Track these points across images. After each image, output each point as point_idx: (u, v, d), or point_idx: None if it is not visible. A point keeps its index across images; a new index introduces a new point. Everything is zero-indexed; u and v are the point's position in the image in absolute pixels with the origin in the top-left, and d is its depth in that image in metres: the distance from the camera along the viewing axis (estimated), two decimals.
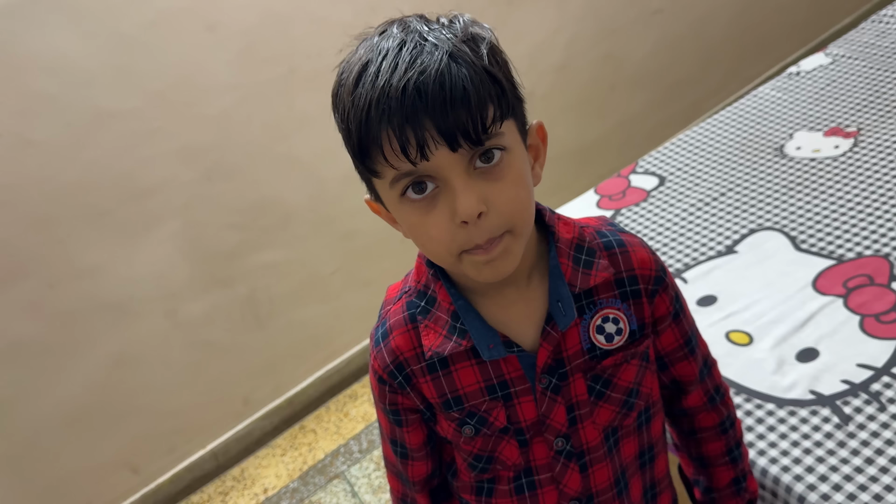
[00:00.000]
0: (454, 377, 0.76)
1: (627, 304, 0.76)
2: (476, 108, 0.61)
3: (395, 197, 0.65)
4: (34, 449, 1.84)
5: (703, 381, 0.86)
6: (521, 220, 0.67)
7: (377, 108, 0.61)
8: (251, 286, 2.01)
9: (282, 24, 1.86)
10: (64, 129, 1.67)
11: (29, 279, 1.72)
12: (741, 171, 1.59)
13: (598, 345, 0.76)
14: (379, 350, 0.79)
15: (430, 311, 0.75)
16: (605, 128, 2.52)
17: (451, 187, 0.63)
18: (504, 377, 0.76)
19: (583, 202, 1.66)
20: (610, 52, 2.42)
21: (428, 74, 0.60)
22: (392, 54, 0.62)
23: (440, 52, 0.61)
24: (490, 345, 0.73)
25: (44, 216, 1.70)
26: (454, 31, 0.65)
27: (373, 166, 0.64)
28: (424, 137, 0.60)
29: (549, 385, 0.76)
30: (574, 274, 0.74)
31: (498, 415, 0.77)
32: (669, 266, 1.40)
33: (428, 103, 0.60)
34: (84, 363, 1.84)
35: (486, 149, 0.63)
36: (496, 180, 0.64)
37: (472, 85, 0.61)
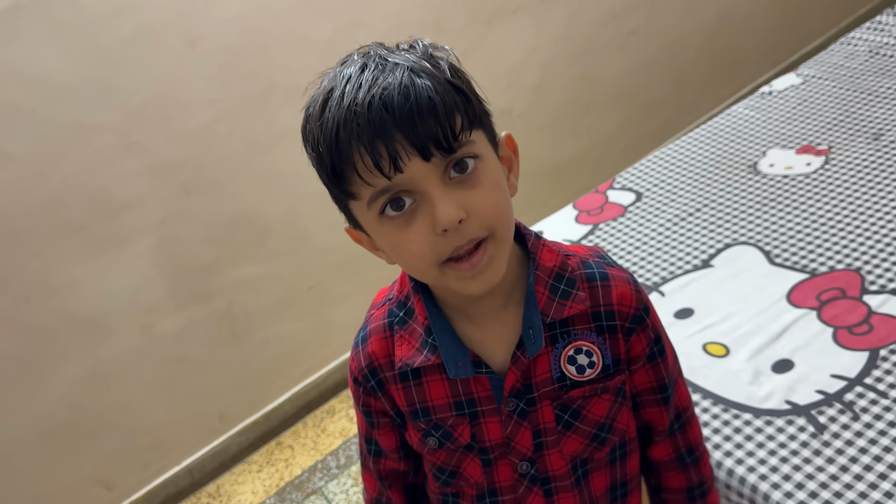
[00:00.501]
0: (424, 388, 0.77)
1: (603, 337, 0.76)
2: (444, 117, 0.61)
3: (373, 217, 0.66)
4: (6, 465, 1.80)
5: (672, 436, 0.85)
6: (502, 224, 0.66)
7: (346, 127, 0.61)
8: (228, 301, 2.00)
9: (262, 40, 1.87)
10: (40, 143, 1.65)
11: (3, 293, 1.69)
12: (716, 187, 1.62)
13: (568, 375, 0.76)
14: (357, 352, 0.80)
15: (407, 323, 0.77)
16: (581, 146, 2.55)
17: (428, 199, 0.63)
18: (472, 395, 0.76)
19: (561, 217, 1.68)
20: (585, 73, 2.46)
21: (392, 88, 0.61)
22: (355, 77, 0.63)
23: (401, 69, 0.63)
24: (458, 363, 0.74)
25: (19, 230, 1.68)
26: (414, 52, 0.66)
27: (348, 188, 0.64)
28: (396, 150, 0.61)
29: (516, 409, 0.76)
30: (548, 303, 0.74)
31: (463, 431, 0.78)
32: (646, 280, 1.42)
33: (395, 116, 0.60)
34: (58, 378, 1.81)
35: (459, 158, 0.63)
36: (473, 187, 0.64)
37: (437, 94, 0.62)
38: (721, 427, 1.09)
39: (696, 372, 1.19)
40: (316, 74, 0.71)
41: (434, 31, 2.11)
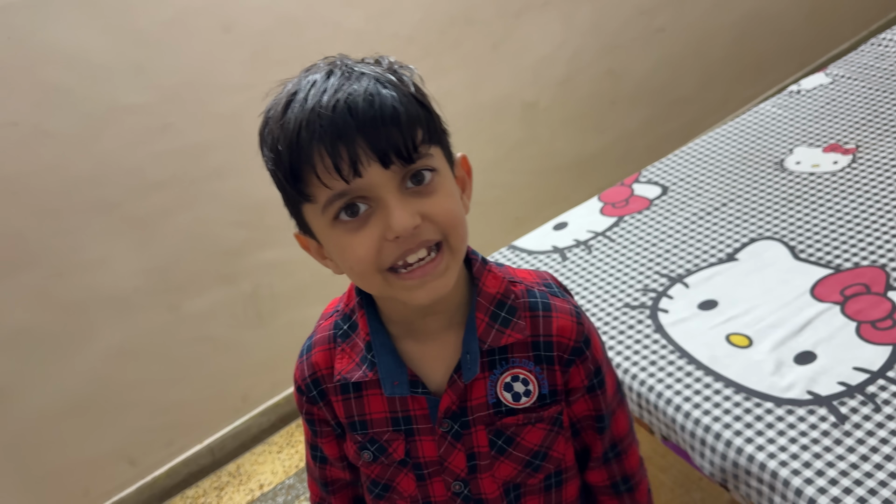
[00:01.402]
0: (364, 402, 0.78)
1: (541, 367, 0.76)
2: (406, 127, 0.62)
3: (327, 222, 0.65)
4: (33, 437, 1.85)
5: (606, 463, 0.85)
6: (456, 231, 0.67)
7: (308, 128, 0.61)
8: (254, 284, 2.04)
9: (296, 28, 1.90)
10: (78, 122, 1.69)
11: (37, 268, 1.73)
12: (742, 183, 1.63)
13: (503, 401, 0.76)
14: (301, 361, 0.81)
15: (350, 337, 0.77)
16: (604, 142, 2.57)
17: (384, 206, 0.63)
18: (409, 413, 0.77)
19: (586, 209, 1.70)
20: (612, 68, 2.47)
21: (357, 95, 0.62)
22: (321, 82, 0.64)
23: (367, 78, 0.64)
24: (395, 382, 0.74)
25: (54, 206, 1.72)
26: (379, 66, 0.67)
27: (305, 189, 0.64)
28: (357, 153, 0.61)
29: (450, 430, 0.77)
30: (487, 330, 0.74)
31: (397, 447, 0.79)
32: (670, 272, 1.43)
33: (359, 120, 0.61)
34: (86, 354, 1.85)
35: (417, 169, 0.64)
36: (429, 196, 0.65)
37: (401, 105, 0.62)
38: (742, 415, 1.11)
39: (719, 362, 1.20)
40: (277, 83, 0.72)
41: (463, 23, 2.13)
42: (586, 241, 1.59)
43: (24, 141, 1.64)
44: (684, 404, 1.15)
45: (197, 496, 2.03)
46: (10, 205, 1.67)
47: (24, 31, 1.58)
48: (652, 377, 1.22)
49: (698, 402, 1.15)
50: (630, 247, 1.53)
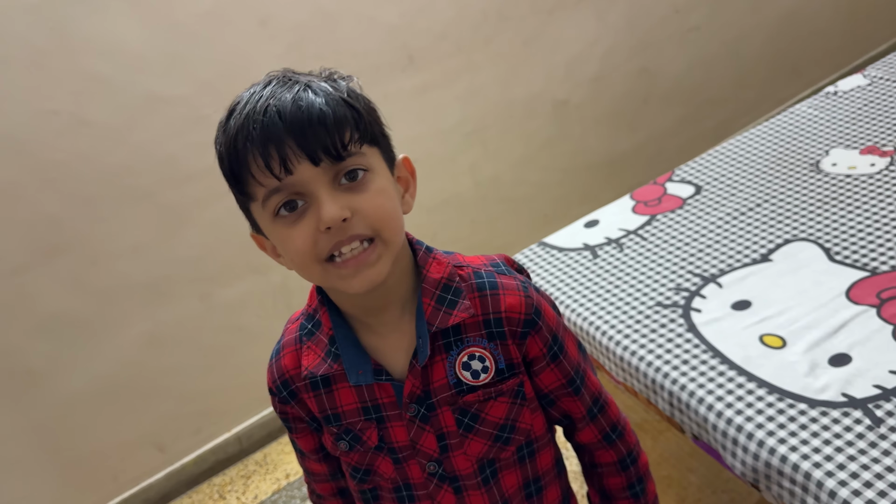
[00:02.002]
0: (335, 395, 0.82)
1: (494, 343, 0.80)
2: (333, 127, 0.67)
3: (269, 217, 0.70)
4: (65, 421, 1.88)
5: (594, 420, 0.88)
6: (388, 228, 0.71)
7: (243, 132, 0.68)
8: (284, 275, 2.05)
9: (330, 22, 1.91)
10: (116, 112, 1.72)
11: (72, 255, 1.76)
12: (777, 183, 1.61)
13: (463, 380, 0.80)
14: (271, 365, 0.85)
15: (315, 334, 0.81)
16: (636, 141, 2.55)
17: (316, 200, 0.68)
18: (378, 401, 0.81)
19: (618, 207, 1.69)
20: (645, 67, 2.46)
21: (286, 100, 0.67)
22: (259, 91, 0.70)
23: (299, 85, 0.69)
24: (359, 371, 0.79)
25: (91, 194, 1.75)
26: (318, 76, 0.73)
27: (245, 188, 0.70)
28: (286, 153, 0.66)
29: (417, 414, 0.81)
30: (434, 313, 0.78)
31: (371, 434, 0.83)
32: (703, 271, 1.42)
33: (287, 123, 0.66)
34: (119, 340, 1.88)
35: (349, 167, 0.69)
36: (360, 192, 0.70)
37: (329, 107, 0.68)
38: (776, 415, 1.10)
39: (752, 362, 1.19)
40: None
41: (496, 20, 2.13)
42: (618, 239, 1.58)
43: (62, 129, 1.68)
44: (717, 403, 1.14)
45: (224, 484, 2.06)
46: (48, 192, 1.70)
47: (66, 21, 1.61)
48: (684, 376, 1.21)
49: (731, 402, 1.14)
50: (663, 245, 1.52)
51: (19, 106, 1.62)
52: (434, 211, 2.25)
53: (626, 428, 0.91)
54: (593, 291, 1.46)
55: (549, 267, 1.57)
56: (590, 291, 1.46)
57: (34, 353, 1.79)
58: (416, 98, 2.09)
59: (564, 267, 1.55)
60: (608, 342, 1.34)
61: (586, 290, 1.47)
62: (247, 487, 2.03)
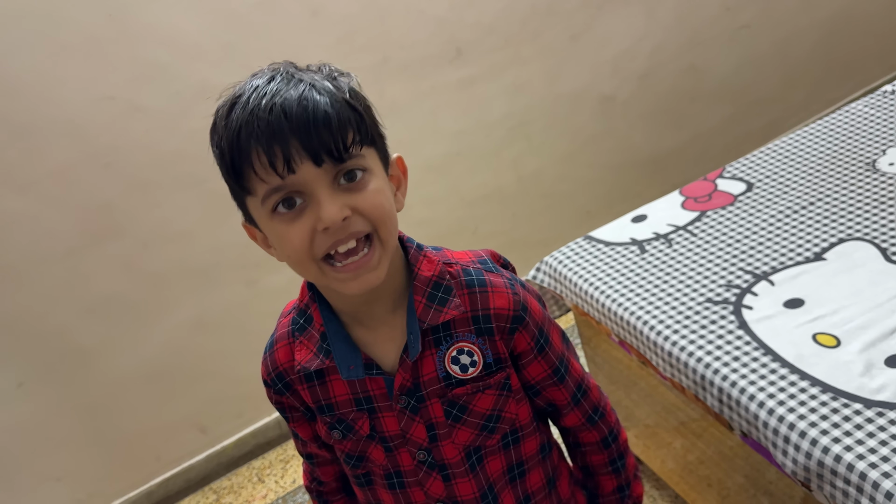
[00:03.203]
0: (328, 387, 0.84)
1: (483, 339, 0.82)
2: (336, 129, 0.68)
3: (266, 214, 0.71)
4: (114, 400, 1.93)
5: (578, 405, 0.91)
6: (384, 224, 0.73)
7: (247, 128, 0.68)
8: None
9: (380, 14, 1.92)
10: (171, 99, 1.75)
11: (125, 238, 1.81)
12: (831, 182, 1.59)
13: (452, 374, 0.83)
14: (265, 357, 0.88)
15: (307, 329, 0.83)
16: (682, 139, 2.52)
17: (316, 200, 0.69)
18: (369, 393, 0.84)
19: (667, 203, 1.67)
20: (693, 64, 2.43)
21: (292, 99, 0.68)
22: (262, 86, 0.70)
23: (304, 84, 0.70)
24: (351, 366, 0.81)
25: (144, 180, 1.79)
26: (320, 73, 0.73)
27: (246, 183, 0.70)
28: (290, 153, 0.67)
29: (408, 405, 0.83)
30: (425, 310, 0.80)
31: (363, 424, 0.85)
32: (755, 269, 1.40)
33: (292, 123, 0.67)
34: (167, 323, 1.92)
35: (349, 168, 0.70)
36: (359, 191, 0.71)
37: (333, 109, 0.69)
38: (830, 414, 1.08)
39: (805, 360, 1.18)
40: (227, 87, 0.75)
41: (544, 14, 2.13)
42: (666, 234, 1.57)
43: (118, 115, 1.71)
44: (768, 401, 1.13)
45: (263, 467, 2.09)
46: (103, 176, 1.74)
47: (124, 9, 1.64)
48: (735, 373, 1.19)
49: (783, 400, 1.12)
50: (713, 242, 1.50)
51: (77, 92, 1.67)
52: (475, 204, 2.25)
53: (606, 408, 0.95)
54: (641, 286, 1.45)
55: (595, 261, 1.56)
56: (637, 286, 1.45)
57: (85, 334, 1.84)
58: (462, 91, 2.10)
59: (610, 261, 1.55)
60: (656, 337, 1.34)
61: (633, 284, 1.46)
62: (285, 472, 2.06)
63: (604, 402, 0.95)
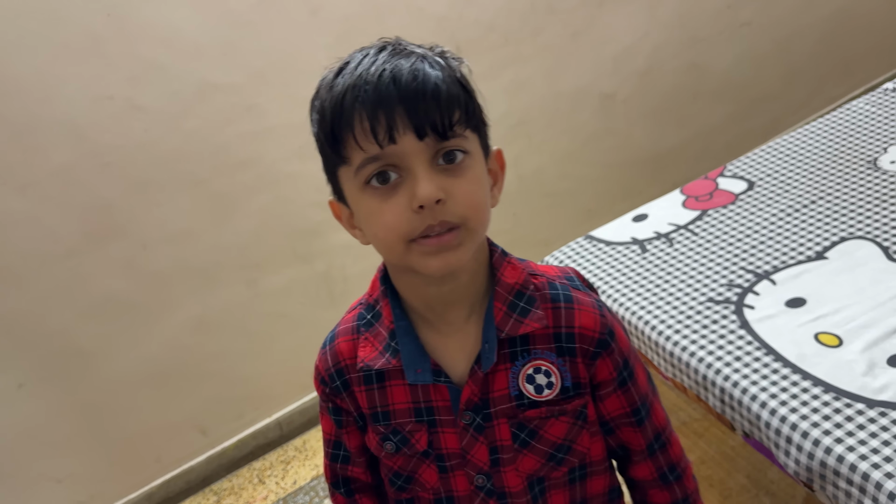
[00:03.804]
0: (387, 392, 0.79)
1: (563, 359, 0.76)
2: (445, 104, 0.65)
3: (358, 185, 0.68)
4: (114, 401, 1.92)
5: (652, 456, 0.84)
6: (476, 216, 0.69)
7: (353, 92, 0.65)
8: (328, 264, 2.07)
9: (380, 12, 1.91)
10: (170, 98, 1.75)
11: (125, 238, 1.80)
12: (833, 180, 1.58)
13: (525, 394, 0.76)
14: (325, 352, 0.82)
15: (374, 326, 0.78)
16: (683, 137, 2.52)
17: (412, 176, 0.66)
18: (431, 404, 0.77)
19: (668, 201, 1.67)
20: (695, 62, 2.42)
21: (403, 68, 0.65)
22: (372, 54, 0.68)
23: (416, 56, 0.67)
24: (418, 369, 0.75)
25: (144, 180, 1.78)
26: (431, 50, 0.71)
27: (342, 150, 0.67)
28: (394, 121, 0.64)
29: (472, 422, 0.77)
30: (505, 319, 0.75)
31: (420, 438, 0.79)
32: (757, 268, 1.40)
33: (401, 91, 0.64)
34: (167, 324, 1.92)
35: (450, 148, 0.67)
36: (457, 176, 0.67)
37: (444, 84, 0.66)
38: (832, 414, 1.08)
39: (807, 360, 1.17)
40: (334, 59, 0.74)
41: (545, 11, 2.12)
42: (668, 233, 1.56)
43: (117, 114, 1.71)
44: (770, 401, 1.13)
45: (263, 468, 2.08)
46: (102, 176, 1.74)
47: (122, 8, 1.63)
48: (737, 373, 1.19)
49: (785, 400, 1.12)
50: (714, 241, 1.50)
51: (77, 91, 1.66)
52: None
53: (686, 471, 0.87)
54: (642, 286, 1.44)
55: (596, 260, 1.56)
56: (638, 286, 1.45)
57: (85, 335, 1.83)
58: None
59: (612, 261, 1.54)
60: (657, 337, 1.33)
61: (635, 284, 1.46)
62: (286, 473, 2.05)
63: (685, 464, 0.87)
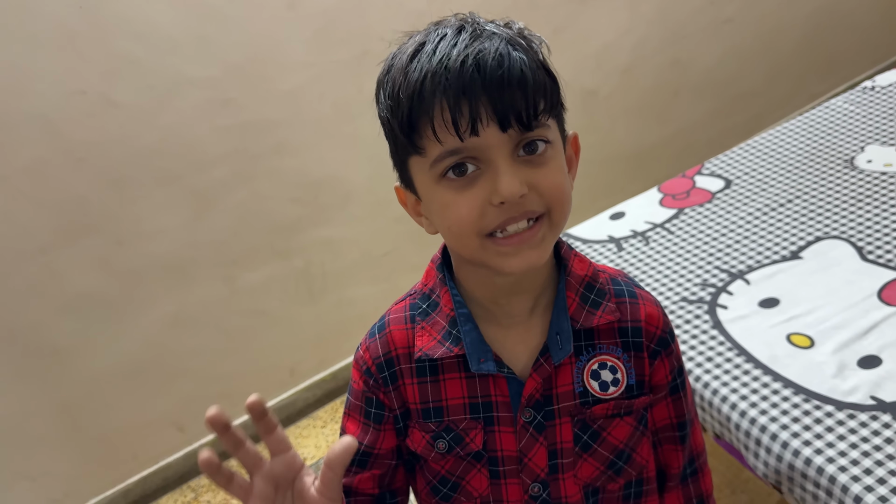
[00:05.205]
0: (440, 386, 0.74)
1: (629, 355, 0.73)
2: (531, 93, 0.61)
3: (432, 178, 0.64)
4: (89, 399, 1.90)
5: (684, 484, 0.81)
6: (560, 206, 0.65)
7: (433, 79, 0.60)
8: (307, 261, 2.06)
9: (358, 7, 1.90)
10: (145, 93, 1.72)
11: (100, 235, 1.78)
12: (809, 179, 1.58)
13: (590, 390, 0.73)
14: (373, 341, 0.76)
15: (430, 315, 0.74)
16: (666, 133, 2.52)
17: (493, 168, 0.62)
18: (490, 399, 0.73)
19: (645, 199, 1.67)
20: (677, 58, 2.42)
21: (487, 52, 0.60)
22: (451, 36, 0.62)
23: (499, 38, 0.62)
24: (481, 359, 0.71)
25: (119, 176, 1.76)
26: (510, 29, 0.65)
27: (418, 141, 0.63)
28: (478, 112, 0.60)
29: (533, 420, 0.73)
30: (578, 310, 0.72)
31: (475, 437, 0.74)
32: (731, 267, 1.40)
33: (486, 78, 0.59)
34: (143, 321, 1.90)
35: (533, 138, 0.62)
36: (539, 166, 0.63)
37: (530, 70, 0.61)
38: (801, 416, 1.08)
39: (779, 361, 1.17)
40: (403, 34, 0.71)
41: (526, 7, 2.10)
42: (644, 232, 1.56)
43: (91, 110, 1.68)
44: (741, 403, 1.13)
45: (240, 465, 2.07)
46: (76, 172, 1.71)
47: (96, 1, 1.61)
48: (708, 374, 1.19)
49: (755, 402, 1.12)
50: (689, 240, 1.49)
51: (50, 85, 1.63)
52: None
53: None
54: None
55: None
56: None
57: (60, 332, 1.81)
58: None
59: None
60: None
61: None
62: None
63: (713, 500, 0.84)
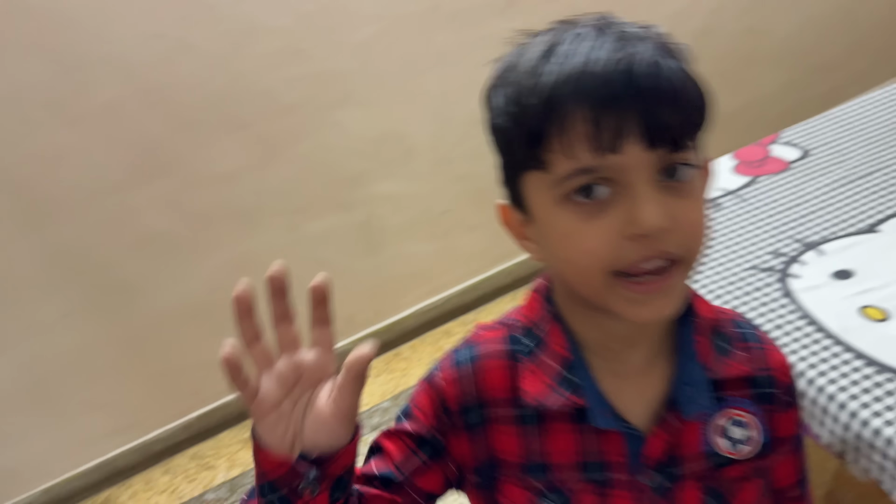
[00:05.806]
0: (547, 439, 0.64)
1: (762, 409, 0.65)
2: (685, 108, 0.52)
3: (554, 198, 0.54)
4: (155, 335, 1.97)
5: None
6: (697, 251, 0.56)
7: (572, 84, 0.51)
8: (368, 214, 2.08)
9: None
10: (219, 39, 1.75)
11: (171, 177, 1.82)
12: (891, 153, 1.53)
13: (718, 450, 0.64)
14: (456, 375, 0.66)
15: (536, 354, 0.64)
16: (737, 103, 2.45)
17: (631, 194, 0.52)
18: (604, 458, 0.63)
19: (719, 166, 1.64)
20: (753, 26, 2.34)
21: (641, 58, 0.51)
22: (591, 36, 0.53)
23: (648, 43, 0.53)
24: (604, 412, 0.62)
25: (191, 120, 1.80)
26: (653, 33, 0.56)
27: (542, 154, 0.53)
28: (624, 125, 0.50)
29: (656, 485, 0.63)
30: (711, 357, 0.63)
31: (583, 499, 0.64)
32: (805, 238, 1.37)
33: (638, 87, 0.50)
34: (209, 263, 1.95)
35: (679, 161, 0.53)
36: (683, 197, 0.53)
37: (686, 85, 0.53)
38: (872, 388, 1.06)
39: (851, 332, 1.15)
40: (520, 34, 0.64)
41: None
42: (716, 198, 1.53)
43: (167, 54, 1.72)
44: (809, 371, 1.11)
45: None
46: (152, 114, 1.76)
47: None
48: (777, 341, 1.17)
49: (824, 370, 1.10)
50: (763, 208, 1.46)
51: (128, 28, 1.67)
52: None
53: None
54: None
55: None
56: None
57: (130, 268, 1.87)
58: (511, 43, 2.05)
59: None
60: None
61: None
62: None
63: None
